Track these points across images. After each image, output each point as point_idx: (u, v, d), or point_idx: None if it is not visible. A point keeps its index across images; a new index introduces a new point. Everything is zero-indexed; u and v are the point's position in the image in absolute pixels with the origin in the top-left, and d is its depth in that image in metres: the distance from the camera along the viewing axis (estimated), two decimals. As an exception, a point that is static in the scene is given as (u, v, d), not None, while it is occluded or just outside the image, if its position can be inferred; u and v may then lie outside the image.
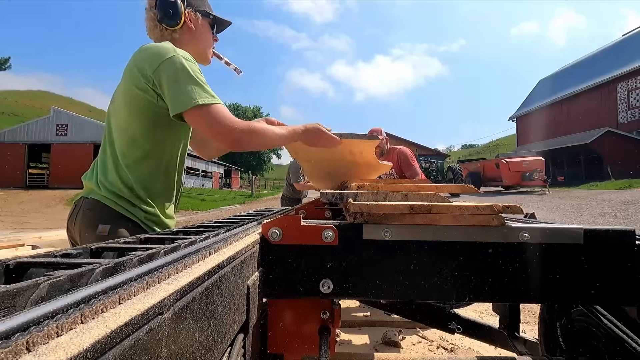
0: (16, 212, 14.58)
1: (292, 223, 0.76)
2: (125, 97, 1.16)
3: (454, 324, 1.54)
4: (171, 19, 1.24)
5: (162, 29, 1.26)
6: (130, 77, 1.13)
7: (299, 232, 0.76)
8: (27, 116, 41.17)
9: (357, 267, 0.76)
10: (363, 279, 0.76)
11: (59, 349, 0.22)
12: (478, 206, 0.75)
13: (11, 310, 0.30)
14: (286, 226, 0.76)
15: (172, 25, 1.25)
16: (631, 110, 21.85)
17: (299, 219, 0.77)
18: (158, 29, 1.27)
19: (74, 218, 1.23)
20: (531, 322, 2.59)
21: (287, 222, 0.76)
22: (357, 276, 0.76)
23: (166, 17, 1.23)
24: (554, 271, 0.74)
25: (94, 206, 1.19)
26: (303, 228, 0.76)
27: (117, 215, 1.18)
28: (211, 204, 18.76)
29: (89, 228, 1.17)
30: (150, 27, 1.28)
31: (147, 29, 1.29)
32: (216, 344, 0.48)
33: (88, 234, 1.17)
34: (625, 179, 16.17)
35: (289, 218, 0.77)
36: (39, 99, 65.07)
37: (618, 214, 8.05)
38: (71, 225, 1.25)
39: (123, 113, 1.18)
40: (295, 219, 0.77)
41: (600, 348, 0.95)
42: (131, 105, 1.15)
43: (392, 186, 1.06)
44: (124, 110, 1.17)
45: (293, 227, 0.76)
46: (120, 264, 0.44)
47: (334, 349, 0.93)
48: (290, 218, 0.77)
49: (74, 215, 1.23)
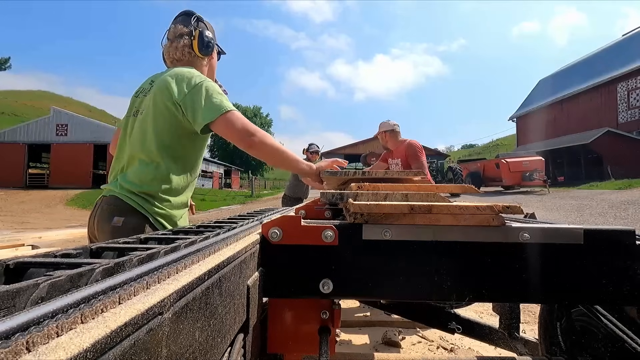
0: (16, 212, 14.58)
1: (292, 223, 0.76)
2: (157, 110, 1.34)
3: (454, 324, 1.54)
4: (207, 50, 1.53)
5: (195, 55, 1.52)
6: (166, 94, 1.32)
7: (299, 232, 0.76)
8: (27, 116, 41.16)
9: (357, 267, 0.76)
10: (363, 279, 0.76)
11: (59, 349, 0.22)
12: (478, 206, 0.75)
13: (11, 310, 0.30)
14: (286, 226, 0.76)
15: (206, 55, 1.54)
16: (631, 110, 21.85)
17: (299, 219, 0.77)
18: (191, 55, 1.52)
19: (94, 214, 1.37)
20: (531, 322, 2.59)
21: (287, 222, 0.76)
22: (357, 276, 0.76)
23: (204, 47, 1.51)
24: (554, 271, 0.74)
25: (112, 201, 1.32)
26: (303, 228, 0.76)
27: (131, 209, 1.30)
28: (211, 204, 18.77)
29: (106, 220, 1.30)
30: (182, 51, 1.50)
31: (174, 49, 1.50)
32: (216, 344, 0.48)
33: (103, 225, 1.30)
34: (625, 179, 16.17)
35: (289, 218, 0.77)
36: (39, 99, 65.05)
37: (618, 214, 8.06)
38: (91, 221, 1.37)
39: (159, 122, 1.34)
40: (295, 219, 0.77)
41: (600, 348, 0.95)
42: (164, 118, 1.33)
43: (392, 186, 1.06)
44: (157, 120, 1.34)
45: (293, 227, 0.76)
46: (120, 264, 0.44)
47: (334, 349, 0.93)
48: (290, 218, 0.77)
49: (94, 212, 1.37)
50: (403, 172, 1.31)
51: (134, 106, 1.46)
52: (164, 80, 1.34)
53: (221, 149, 57.82)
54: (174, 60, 1.52)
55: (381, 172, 1.26)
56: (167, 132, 1.34)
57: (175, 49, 1.50)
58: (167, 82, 1.33)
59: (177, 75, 1.35)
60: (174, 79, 1.33)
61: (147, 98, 1.40)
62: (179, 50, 1.50)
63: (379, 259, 0.76)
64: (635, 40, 23.82)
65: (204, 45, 1.51)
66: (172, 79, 1.34)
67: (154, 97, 1.35)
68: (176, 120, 1.33)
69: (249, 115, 59.33)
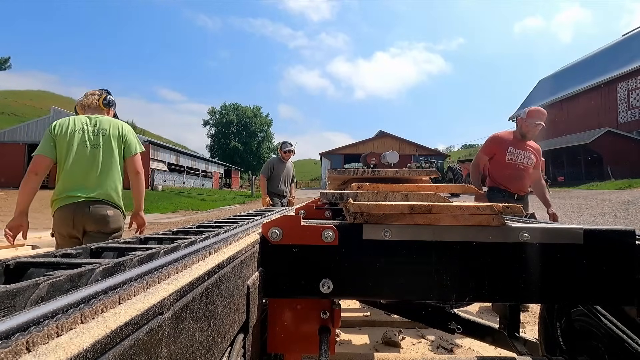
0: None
1: (292, 223, 0.76)
2: (115, 144, 2.20)
3: (454, 324, 1.54)
4: (113, 107, 2.42)
5: (107, 111, 2.37)
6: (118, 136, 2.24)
7: (299, 232, 0.76)
8: (27, 116, 41.16)
9: (357, 267, 0.76)
10: (363, 279, 0.76)
11: (59, 349, 0.22)
12: (478, 206, 0.75)
13: (11, 310, 0.30)
14: (286, 226, 0.76)
15: (111, 108, 2.42)
16: (631, 110, 21.86)
17: (299, 219, 0.77)
18: (104, 111, 2.34)
19: (81, 213, 2.04)
20: (531, 322, 2.59)
21: (287, 222, 0.76)
22: (357, 276, 0.76)
23: (111, 106, 2.38)
24: (554, 271, 0.74)
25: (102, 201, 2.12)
26: (303, 228, 0.76)
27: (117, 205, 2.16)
28: (211, 204, 18.76)
29: (102, 213, 2.07)
30: (97, 107, 2.30)
31: (94, 105, 2.29)
32: (216, 344, 0.48)
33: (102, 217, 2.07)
34: (625, 179, 16.17)
35: (289, 218, 0.77)
36: (39, 99, 65.06)
37: (618, 214, 8.05)
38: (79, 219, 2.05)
39: (115, 152, 2.19)
40: (295, 219, 0.77)
41: (600, 348, 0.95)
42: (119, 149, 2.22)
43: (392, 186, 1.06)
44: (115, 150, 2.19)
45: (293, 227, 0.76)
46: (120, 264, 0.44)
47: (334, 349, 0.92)
48: (290, 218, 0.77)
49: (80, 211, 2.04)
50: (415, 172, 1.30)
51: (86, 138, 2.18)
52: (117, 126, 2.24)
53: (221, 149, 57.83)
54: (85, 107, 2.31)
55: (391, 171, 1.24)
56: (121, 158, 2.26)
57: (93, 106, 2.29)
58: (118, 129, 2.25)
59: (125, 127, 2.29)
60: (124, 130, 2.27)
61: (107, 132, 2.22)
62: (97, 109, 2.30)
63: (379, 259, 0.76)
64: (636, 40, 23.82)
65: (111, 103, 2.38)
66: (123, 128, 2.27)
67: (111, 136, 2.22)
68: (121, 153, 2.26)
69: (249, 115, 59.30)
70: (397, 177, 1.25)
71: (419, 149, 34.00)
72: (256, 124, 60.04)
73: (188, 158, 32.04)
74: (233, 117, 59.23)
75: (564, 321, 1.13)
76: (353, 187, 1.09)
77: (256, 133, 60.31)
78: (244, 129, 59.30)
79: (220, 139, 59.19)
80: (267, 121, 61.82)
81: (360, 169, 1.33)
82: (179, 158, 29.60)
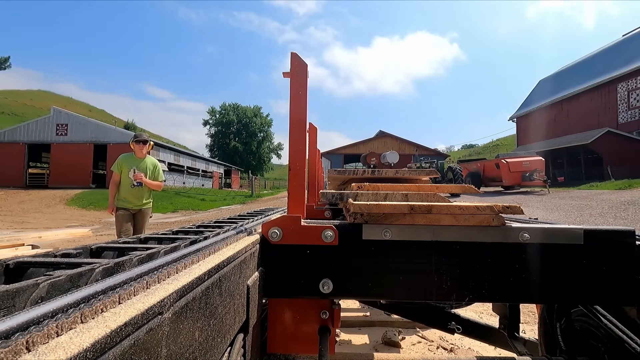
0: (16, 211, 14.58)
1: (292, 223, 0.76)
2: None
3: (454, 324, 1.54)
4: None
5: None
6: None
7: (299, 232, 0.76)
8: (27, 116, 41.19)
9: (357, 267, 0.76)
10: (363, 279, 0.76)
11: (59, 348, 0.22)
12: (478, 206, 0.75)
13: (11, 310, 0.30)
14: (286, 226, 0.76)
15: None
16: (631, 111, 21.85)
17: (299, 219, 0.77)
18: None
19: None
20: (531, 322, 2.59)
21: (287, 222, 0.76)
22: (357, 276, 0.76)
23: None
24: (554, 271, 0.74)
25: None
26: (303, 228, 0.76)
27: None
28: (211, 204, 18.76)
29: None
30: None
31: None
32: (216, 344, 0.48)
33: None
34: (625, 179, 16.16)
35: (289, 218, 0.77)
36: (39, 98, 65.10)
37: (618, 214, 8.05)
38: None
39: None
40: (295, 219, 0.77)
41: (600, 348, 0.95)
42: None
43: (392, 186, 1.06)
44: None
45: (293, 227, 0.76)
46: (120, 263, 0.44)
47: (334, 349, 0.92)
48: (290, 218, 0.77)
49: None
50: (415, 172, 1.30)
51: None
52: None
53: (221, 149, 57.81)
54: None
55: (392, 171, 1.24)
56: None
57: None
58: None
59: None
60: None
61: None
62: None
63: (379, 259, 0.76)
64: (635, 41, 23.82)
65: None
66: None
67: None
68: None
69: (249, 115, 59.25)
70: (397, 177, 1.25)
71: (419, 149, 34.01)
72: (256, 124, 60.02)
73: (188, 158, 32.06)
74: (233, 117, 59.21)
75: (564, 321, 1.13)
76: (353, 187, 1.09)
77: (256, 133, 60.30)
78: (244, 129, 59.29)
79: (220, 138, 59.18)
80: (267, 121, 61.79)
81: (360, 169, 1.33)
82: (179, 158, 29.63)
